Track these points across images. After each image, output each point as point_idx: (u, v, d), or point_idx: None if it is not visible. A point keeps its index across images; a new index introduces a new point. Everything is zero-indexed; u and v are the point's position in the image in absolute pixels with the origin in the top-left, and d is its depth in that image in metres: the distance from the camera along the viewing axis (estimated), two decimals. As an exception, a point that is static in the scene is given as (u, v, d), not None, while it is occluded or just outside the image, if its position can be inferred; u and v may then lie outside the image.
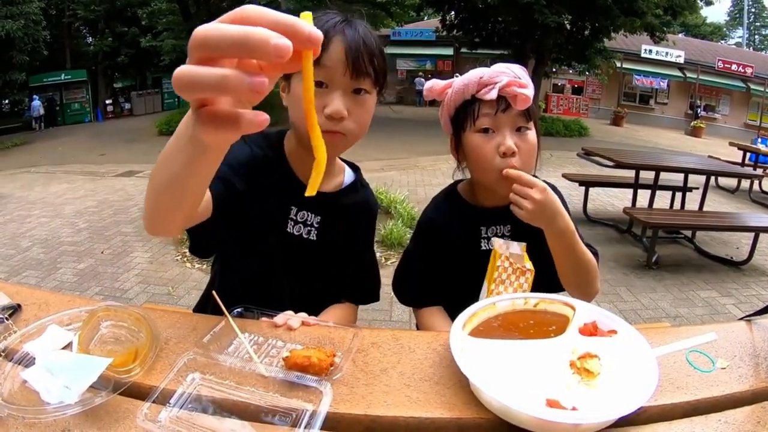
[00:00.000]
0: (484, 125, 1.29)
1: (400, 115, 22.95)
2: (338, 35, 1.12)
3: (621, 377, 0.84)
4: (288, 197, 1.34)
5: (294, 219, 1.36)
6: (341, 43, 1.11)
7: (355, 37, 1.13)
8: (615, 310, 4.41)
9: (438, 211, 1.53)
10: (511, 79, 1.25)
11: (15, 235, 6.79)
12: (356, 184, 1.47)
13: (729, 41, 53.55)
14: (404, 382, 0.91)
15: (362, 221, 1.49)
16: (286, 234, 1.35)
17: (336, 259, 1.45)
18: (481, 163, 1.31)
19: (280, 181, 1.32)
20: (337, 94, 1.14)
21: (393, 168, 11.11)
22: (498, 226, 1.44)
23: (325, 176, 1.35)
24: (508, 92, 1.24)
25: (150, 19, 22.20)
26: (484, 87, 1.28)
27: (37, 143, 18.52)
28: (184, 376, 0.88)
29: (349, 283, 1.51)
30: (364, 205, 1.48)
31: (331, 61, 1.11)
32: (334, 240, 1.41)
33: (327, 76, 1.13)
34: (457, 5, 19.57)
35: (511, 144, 1.25)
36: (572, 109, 27.62)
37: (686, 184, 6.77)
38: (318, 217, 1.37)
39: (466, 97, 1.34)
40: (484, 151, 1.29)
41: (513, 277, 1.29)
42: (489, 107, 1.28)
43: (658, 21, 17.81)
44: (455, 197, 1.52)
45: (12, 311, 1.11)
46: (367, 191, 1.51)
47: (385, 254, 5.43)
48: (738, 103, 28.27)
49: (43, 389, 0.83)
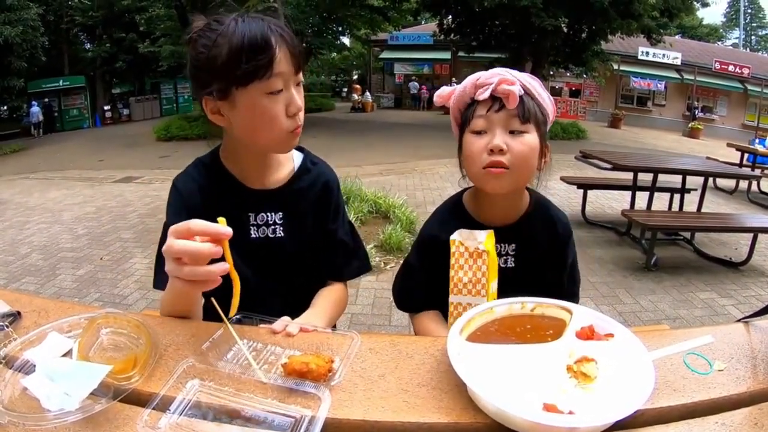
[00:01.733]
0: (479, 126, 1.30)
1: (399, 119, 22.98)
2: (274, 37, 1.14)
3: (618, 381, 0.85)
4: (242, 206, 1.37)
5: (255, 224, 1.39)
6: (283, 45, 1.15)
7: (284, 33, 1.17)
8: (614, 313, 4.42)
9: (442, 227, 1.47)
10: (502, 78, 1.27)
11: (14, 242, 6.79)
12: (305, 165, 1.48)
13: (726, 42, 53.70)
14: (402, 387, 0.91)
15: (323, 197, 1.49)
16: (251, 240, 1.38)
17: (309, 246, 1.46)
18: (470, 159, 1.32)
19: (231, 194, 1.36)
20: (293, 92, 1.21)
21: (392, 172, 11.13)
22: (503, 245, 1.42)
23: (272, 171, 1.42)
24: (500, 91, 1.26)
25: (148, 24, 22.21)
26: (480, 88, 1.30)
27: (35, 149, 18.56)
28: (183, 382, 0.89)
29: (328, 262, 1.51)
30: (319, 181, 1.48)
31: (282, 66, 1.15)
32: (303, 229, 1.44)
33: (283, 82, 1.18)
34: (455, 9, 19.63)
35: (499, 141, 1.25)
36: (570, 111, 27.64)
37: (684, 185, 6.77)
38: (279, 213, 1.40)
39: (466, 101, 1.36)
40: (474, 148, 1.30)
41: (471, 260, 1.29)
42: (483, 108, 1.29)
43: (655, 23, 17.88)
44: (460, 211, 1.49)
45: (12, 319, 1.11)
46: (319, 167, 1.51)
47: (384, 258, 5.43)
48: (735, 104, 28.35)
49: (44, 396, 0.83)
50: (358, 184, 7.35)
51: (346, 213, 1.60)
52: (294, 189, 1.43)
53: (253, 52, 1.11)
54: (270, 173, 1.41)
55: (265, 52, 1.12)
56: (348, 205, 6.38)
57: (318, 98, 31.75)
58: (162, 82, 29.61)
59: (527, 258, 1.42)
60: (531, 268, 1.41)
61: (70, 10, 27.38)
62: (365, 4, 21.48)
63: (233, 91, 1.16)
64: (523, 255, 1.42)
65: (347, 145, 14.69)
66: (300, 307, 1.39)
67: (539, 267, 1.42)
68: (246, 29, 1.13)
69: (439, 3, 19.55)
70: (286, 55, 1.15)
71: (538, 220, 1.44)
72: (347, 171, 9.04)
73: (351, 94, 30.72)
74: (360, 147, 14.80)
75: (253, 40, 1.12)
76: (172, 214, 1.31)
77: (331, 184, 1.51)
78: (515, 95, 1.25)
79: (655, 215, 6.10)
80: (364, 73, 39.86)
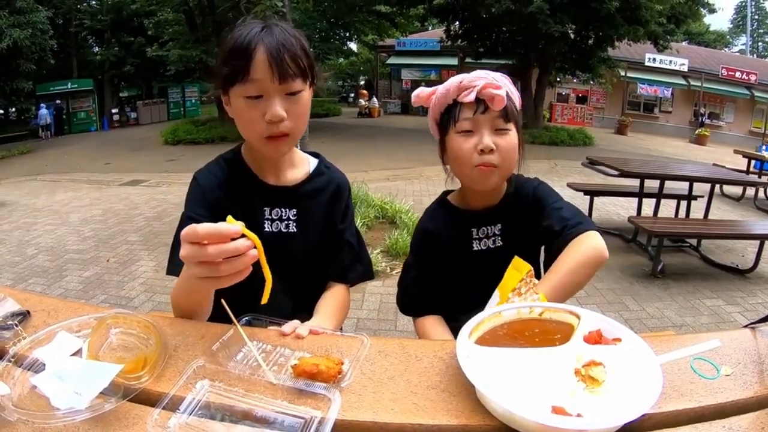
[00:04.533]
0: (465, 127, 1.36)
1: (405, 124, 22.98)
2: (259, 46, 1.18)
3: (626, 384, 0.85)
4: (258, 200, 1.42)
5: (270, 218, 1.43)
6: (263, 54, 1.18)
7: (275, 44, 1.19)
8: (620, 319, 4.39)
9: (431, 219, 1.60)
10: (487, 82, 1.34)
11: (21, 243, 6.83)
12: (320, 168, 1.54)
13: (732, 48, 53.56)
14: (411, 389, 0.92)
15: (335, 198, 1.53)
16: (265, 233, 1.40)
17: (319, 245, 1.50)
18: (461, 160, 1.38)
19: (248, 189, 1.41)
20: (273, 101, 1.21)
21: (399, 178, 11.14)
22: (489, 227, 1.51)
23: (288, 170, 1.47)
24: (485, 94, 1.32)
25: (156, 29, 22.33)
26: (464, 90, 1.35)
27: (43, 151, 18.64)
28: (193, 383, 0.89)
29: (335, 261, 1.54)
30: (332, 184, 1.54)
31: (259, 74, 1.18)
32: (314, 227, 1.48)
33: (259, 89, 1.20)
34: (462, 15, 19.63)
35: (488, 142, 1.33)
36: (576, 118, 27.64)
37: (691, 192, 6.75)
38: (293, 210, 1.44)
39: (448, 102, 1.41)
40: (463, 149, 1.36)
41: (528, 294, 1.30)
42: (468, 109, 1.35)
43: (662, 29, 17.82)
44: (445, 204, 1.60)
45: (21, 318, 1.12)
46: (332, 171, 1.57)
47: (390, 264, 5.43)
48: (742, 111, 28.23)
49: (53, 395, 0.84)
50: (364, 190, 7.35)
51: (354, 218, 1.65)
52: (308, 189, 1.48)
53: (233, 57, 1.20)
54: (285, 172, 1.46)
55: (242, 57, 1.18)
56: (355, 210, 6.34)
57: (325, 103, 31.79)
58: (169, 86, 29.69)
59: (513, 234, 1.50)
60: (518, 242, 1.48)
61: (79, 13, 27.54)
62: (372, 10, 21.56)
63: (227, 89, 1.24)
64: (508, 233, 1.51)
65: (354, 151, 14.69)
66: (306, 305, 1.44)
67: (526, 239, 1.49)
68: (240, 34, 1.20)
69: (446, 9, 19.52)
70: (265, 63, 1.18)
71: (516, 197, 1.52)
72: (354, 176, 8.99)
73: (358, 100, 30.71)
74: (367, 152, 14.80)
75: (237, 45, 1.19)
76: (192, 204, 1.38)
77: (343, 187, 1.56)
78: (502, 99, 1.32)
79: (662, 222, 6.08)
80: (371, 79, 39.91)
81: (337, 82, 47.13)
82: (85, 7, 28.46)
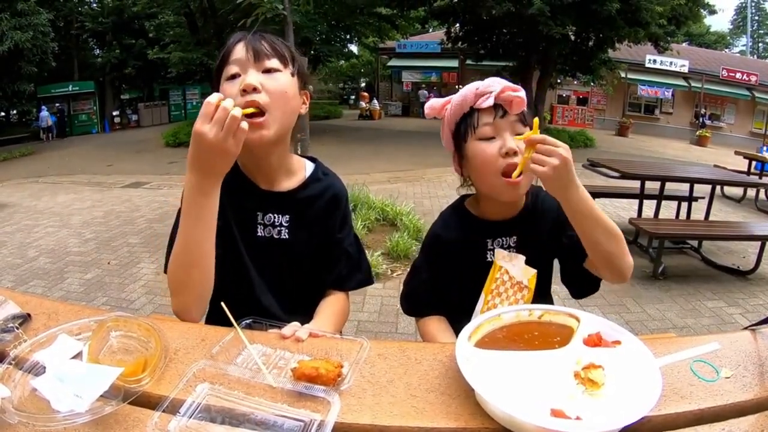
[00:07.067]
0: (487, 133, 1.34)
1: (406, 126, 22.99)
2: (241, 39, 1.31)
3: (625, 387, 0.85)
4: (252, 205, 1.43)
5: (262, 223, 1.43)
6: (243, 41, 1.30)
7: (255, 35, 1.31)
8: (621, 321, 4.39)
9: (445, 225, 1.57)
10: (504, 85, 1.32)
11: (22, 245, 6.83)
12: (317, 174, 1.53)
13: (733, 50, 53.48)
14: (411, 392, 0.92)
15: (331, 207, 1.52)
16: (257, 238, 1.42)
17: (312, 252, 1.49)
18: (485, 166, 1.35)
19: (242, 193, 1.42)
20: (248, 73, 1.26)
21: (400, 180, 11.13)
22: (504, 238, 1.47)
23: (283, 176, 1.46)
24: (504, 98, 1.31)
25: (157, 31, 22.36)
26: (482, 96, 1.34)
27: (44, 153, 18.64)
28: (193, 386, 0.89)
29: (333, 271, 1.53)
30: (329, 192, 1.52)
31: (237, 54, 1.29)
32: (307, 234, 1.47)
33: (238, 67, 1.28)
34: (462, 17, 19.61)
35: (513, 144, 1.30)
36: (577, 120, 27.63)
37: (692, 193, 6.73)
38: (286, 216, 1.44)
39: (464, 110, 1.39)
40: (487, 154, 1.33)
41: (510, 291, 1.31)
42: (488, 115, 1.34)
43: (662, 31, 17.80)
44: (462, 211, 1.56)
45: (22, 320, 1.12)
46: (329, 178, 1.56)
47: (391, 266, 5.42)
48: (743, 112, 28.19)
49: (54, 398, 0.84)
50: (365, 192, 7.35)
51: (352, 225, 1.63)
52: (303, 195, 1.46)
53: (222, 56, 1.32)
54: (280, 177, 1.45)
55: (227, 50, 1.31)
56: (355, 213, 6.40)
57: (326, 105, 31.80)
58: (171, 89, 29.71)
59: (528, 247, 1.47)
60: (533, 254, 1.45)
61: (80, 16, 27.54)
62: (373, 12, 21.52)
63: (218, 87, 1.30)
64: (523, 245, 1.48)
65: (355, 153, 14.70)
66: (293, 311, 1.42)
67: (541, 252, 1.47)
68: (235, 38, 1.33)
69: (446, 11, 19.53)
70: (243, 46, 1.29)
71: (534, 210, 1.50)
72: (355, 178, 9.04)
73: (359, 102, 30.68)
74: (368, 154, 14.79)
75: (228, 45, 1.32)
76: None
77: (340, 195, 1.55)
78: (522, 100, 1.30)
79: (663, 223, 6.08)
80: (371, 81, 39.88)
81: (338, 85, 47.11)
82: (87, 9, 28.44)
